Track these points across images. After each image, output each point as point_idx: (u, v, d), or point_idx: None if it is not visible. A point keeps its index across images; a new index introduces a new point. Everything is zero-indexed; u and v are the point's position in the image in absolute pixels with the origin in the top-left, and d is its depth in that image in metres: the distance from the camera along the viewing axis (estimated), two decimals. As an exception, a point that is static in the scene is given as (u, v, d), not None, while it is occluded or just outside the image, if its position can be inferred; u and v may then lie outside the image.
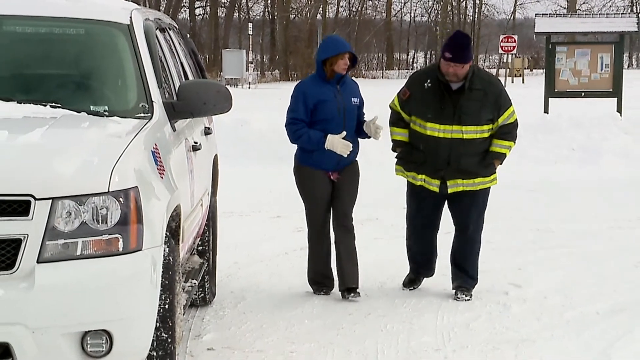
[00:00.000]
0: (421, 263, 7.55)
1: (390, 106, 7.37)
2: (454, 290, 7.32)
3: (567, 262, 8.65)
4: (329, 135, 7.01)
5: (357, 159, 7.34)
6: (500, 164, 7.23)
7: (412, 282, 7.58)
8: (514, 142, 7.19)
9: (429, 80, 7.08)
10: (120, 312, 4.30)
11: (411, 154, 7.21)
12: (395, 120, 7.31)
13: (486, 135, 7.09)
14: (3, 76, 5.49)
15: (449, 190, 7.12)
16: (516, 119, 7.17)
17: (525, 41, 55.27)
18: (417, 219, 7.42)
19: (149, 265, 4.41)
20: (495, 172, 7.22)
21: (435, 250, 7.54)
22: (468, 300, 7.22)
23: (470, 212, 7.27)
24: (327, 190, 7.22)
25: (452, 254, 7.43)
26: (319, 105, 7.08)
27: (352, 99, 7.19)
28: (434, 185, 7.14)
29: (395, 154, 7.38)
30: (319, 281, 7.39)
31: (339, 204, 7.25)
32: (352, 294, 7.23)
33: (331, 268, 7.37)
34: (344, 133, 7.02)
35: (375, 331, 6.55)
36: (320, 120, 7.08)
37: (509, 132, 7.12)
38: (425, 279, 7.62)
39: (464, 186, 7.13)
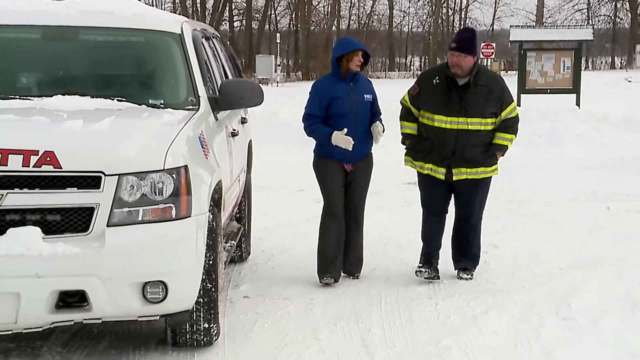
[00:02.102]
0: (434, 244, 6.69)
1: (401, 102, 6.74)
2: (457, 271, 6.69)
3: (535, 227, 8.61)
4: (334, 132, 6.32)
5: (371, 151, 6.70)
6: (502, 155, 6.54)
7: (426, 265, 6.63)
8: (515, 135, 6.50)
9: (437, 77, 6.48)
10: (174, 266, 4.31)
11: (419, 145, 6.52)
12: (405, 115, 6.61)
13: (490, 127, 6.41)
14: (79, 76, 5.51)
15: (454, 178, 6.41)
16: (517, 114, 6.48)
17: (501, 48, 54.74)
18: (429, 204, 6.67)
19: (196, 229, 4.42)
20: (496, 163, 6.54)
21: (442, 231, 6.76)
22: (470, 279, 6.61)
23: (473, 199, 6.57)
24: (340, 179, 6.49)
25: (455, 238, 6.73)
26: (333, 101, 6.36)
27: (365, 95, 6.49)
28: (439, 173, 6.44)
29: (404, 146, 6.75)
30: (326, 267, 6.49)
31: (351, 197, 6.56)
32: (354, 276, 6.67)
33: (341, 256, 6.56)
34: (345, 130, 6.33)
35: (379, 283, 6.54)
36: (334, 116, 6.37)
37: (511, 125, 6.44)
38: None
39: (467, 174, 6.43)
